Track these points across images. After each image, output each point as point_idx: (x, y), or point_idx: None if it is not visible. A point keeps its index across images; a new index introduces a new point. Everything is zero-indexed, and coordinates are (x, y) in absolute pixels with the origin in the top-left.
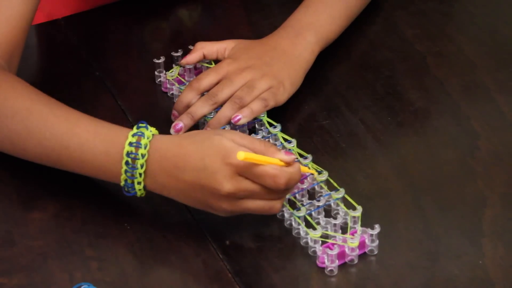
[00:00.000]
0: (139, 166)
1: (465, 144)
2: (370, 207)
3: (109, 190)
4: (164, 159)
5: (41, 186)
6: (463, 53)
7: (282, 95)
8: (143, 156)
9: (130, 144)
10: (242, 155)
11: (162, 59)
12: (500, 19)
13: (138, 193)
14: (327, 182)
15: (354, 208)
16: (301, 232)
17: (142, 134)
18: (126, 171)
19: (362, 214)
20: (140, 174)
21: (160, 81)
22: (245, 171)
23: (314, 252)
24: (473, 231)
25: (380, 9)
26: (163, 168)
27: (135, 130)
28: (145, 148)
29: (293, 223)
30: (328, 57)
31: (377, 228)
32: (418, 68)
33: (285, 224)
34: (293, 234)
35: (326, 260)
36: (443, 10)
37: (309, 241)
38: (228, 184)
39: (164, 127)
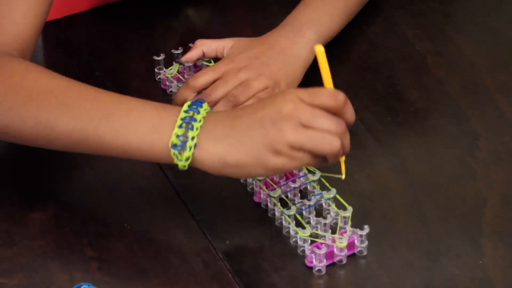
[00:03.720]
0: (197, 118)
1: (465, 144)
2: (370, 207)
3: (109, 190)
4: (221, 114)
5: (41, 186)
6: (463, 53)
7: None
8: (201, 114)
9: (189, 105)
10: (321, 48)
11: (162, 56)
12: (500, 19)
13: (185, 155)
14: (319, 182)
15: (346, 208)
16: (291, 231)
17: (200, 105)
18: (180, 125)
19: (362, 214)
20: (197, 128)
21: (159, 78)
22: (305, 95)
23: (303, 251)
24: (473, 231)
25: (380, 9)
26: (219, 120)
27: (188, 103)
28: (204, 110)
29: (284, 222)
30: (328, 57)
31: (366, 229)
32: (418, 68)
33: (276, 223)
34: (284, 233)
35: (314, 260)
36: (443, 10)
37: (299, 240)
38: (289, 103)
39: None
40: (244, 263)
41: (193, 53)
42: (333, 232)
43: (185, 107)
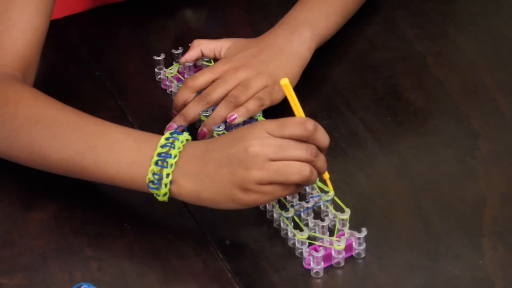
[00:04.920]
0: (172, 154)
1: (465, 144)
2: (370, 207)
3: (109, 190)
4: (196, 146)
5: (41, 186)
6: (463, 53)
7: (278, 94)
8: (177, 148)
9: (167, 139)
10: (286, 80)
11: (162, 56)
12: (500, 19)
13: (162, 191)
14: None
15: (344, 211)
16: (289, 233)
17: (176, 138)
18: (156, 162)
19: (362, 214)
20: (171, 165)
21: (160, 78)
22: (273, 127)
23: (301, 253)
24: (473, 231)
25: (380, 9)
26: (193, 155)
27: (168, 134)
28: (181, 142)
29: (282, 224)
30: (328, 57)
31: (364, 232)
32: (418, 68)
33: (274, 225)
34: (282, 235)
35: (311, 262)
36: (443, 10)
37: (296, 242)
38: (255, 141)
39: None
40: (244, 263)
41: (192, 54)
42: (331, 234)
43: (162, 140)
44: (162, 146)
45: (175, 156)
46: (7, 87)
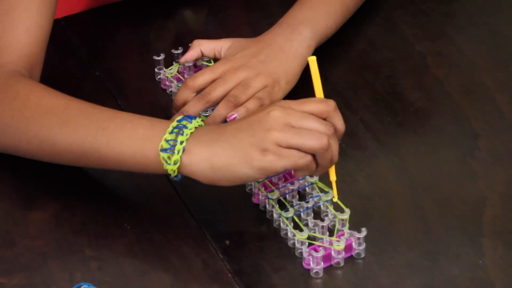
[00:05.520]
0: (189, 126)
1: (465, 144)
2: (370, 207)
3: (109, 190)
4: (212, 126)
5: (41, 186)
6: (463, 53)
7: (277, 94)
8: (194, 123)
9: (182, 118)
10: (313, 58)
11: (162, 56)
12: (500, 19)
13: (174, 158)
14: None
15: (344, 211)
16: (289, 234)
17: (193, 118)
18: (171, 131)
19: (362, 214)
20: (187, 134)
21: (159, 78)
22: (295, 103)
23: (301, 253)
24: (473, 231)
25: (380, 9)
26: (210, 129)
27: (182, 116)
28: (196, 121)
29: (281, 224)
30: (328, 57)
31: (363, 232)
32: (418, 68)
33: (274, 225)
34: (281, 235)
35: (311, 262)
36: (443, 10)
37: (296, 242)
38: (278, 108)
39: None
40: (244, 263)
41: (191, 54)
42: (331, 234)
43: (179, 117)
44: (178, 120)
45: (191, 128)
46: (16, 82)
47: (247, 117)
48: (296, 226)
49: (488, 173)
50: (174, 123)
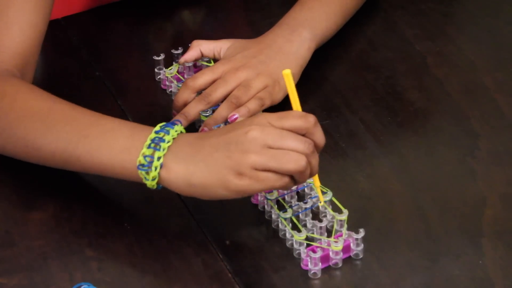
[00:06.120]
0: (166, 139)
1: (465, 144)
2: (370, 207)
3: (109, 190)
4: (191, 135)
5: (41, 186)
6: (463, 53)
7: (278, 94)
8: (171, 135)
9: (161, 126)
10: (288, 71)
11: (162, 56)
12: (500, 19)
13: (152, 174)
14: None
15: (342, 212)
16: (287, 234)
17: (172, 127)
18: (149, 145)
19: (362, 214)
20: (164, 149)
21: (159, 78)
22: (274, 118)
23: (299, 254)
24: (473, 231)
25: (380, 9)
26: (188, 142)
27: (163, 123)
28: (175, 131)
29: (280, 224)
30: (328, 57)
31: (361, 232)
32: (418, 68)
33: (273, 226)
34: (280, 235)
35: (309, 263)
36: (443, 10)
37: (294, 243)
38: (256, 127)
39: None
40: (244, 263)
41: (191, 54)
42: (329, 235)
43: (157, 127)
44: (156, 132)
45: (168, 141)
46: (4, 82)
47: (226, 132)
48: (295, 227)
49: (488, 173)
50: (152, 135)
